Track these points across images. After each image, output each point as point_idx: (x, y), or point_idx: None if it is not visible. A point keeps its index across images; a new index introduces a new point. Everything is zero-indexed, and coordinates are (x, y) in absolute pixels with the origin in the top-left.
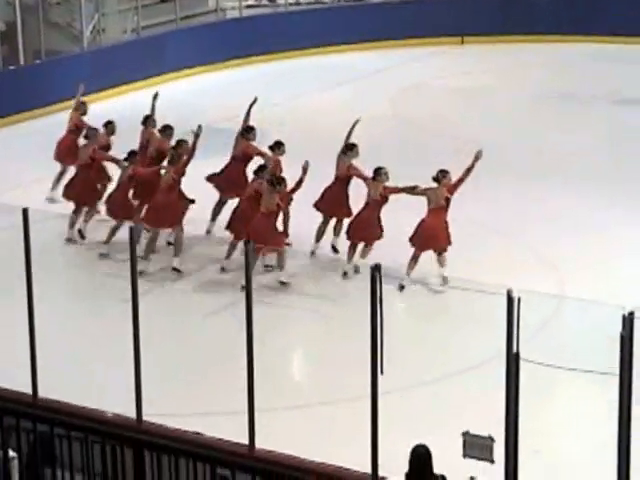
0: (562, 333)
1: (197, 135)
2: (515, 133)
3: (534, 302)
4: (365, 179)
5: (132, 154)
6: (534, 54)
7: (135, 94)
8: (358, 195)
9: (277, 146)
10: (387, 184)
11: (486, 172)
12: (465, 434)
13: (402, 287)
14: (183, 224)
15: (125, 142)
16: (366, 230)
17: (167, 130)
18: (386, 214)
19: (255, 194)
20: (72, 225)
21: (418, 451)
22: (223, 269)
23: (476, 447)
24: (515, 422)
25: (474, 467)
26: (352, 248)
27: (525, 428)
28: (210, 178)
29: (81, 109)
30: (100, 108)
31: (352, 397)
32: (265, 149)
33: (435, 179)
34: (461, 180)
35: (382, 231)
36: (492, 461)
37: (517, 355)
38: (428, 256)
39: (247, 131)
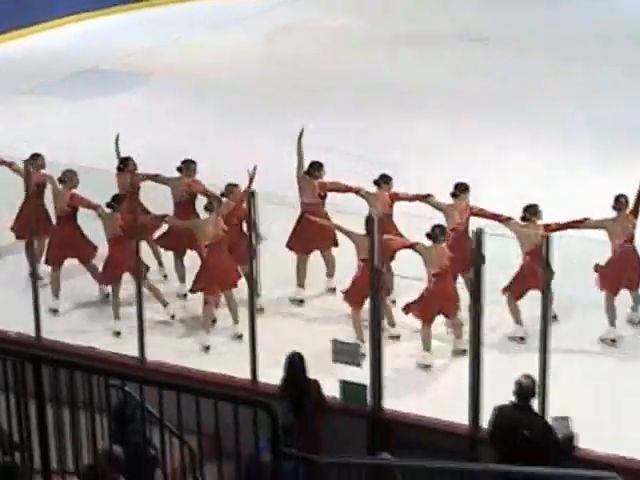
0: None
1: (251, 179)
2: (378, 71)
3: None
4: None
5: (118, 200)
6: None
7: (22, 40)
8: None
9: (384, 180)
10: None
11: (361, 108)
12: (334, 341)
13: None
14: None
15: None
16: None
17: (190, 165)
18: None
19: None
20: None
21: (293, 358)
22: None
23: (344, 353)
24: (378, 329)
25: (344, 371)
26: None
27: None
28: (290, 244)
29: None
30: None
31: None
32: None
33: (616, 208)
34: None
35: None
36: (359, 364)
37: (378, 270)
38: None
39: (316, 168)
